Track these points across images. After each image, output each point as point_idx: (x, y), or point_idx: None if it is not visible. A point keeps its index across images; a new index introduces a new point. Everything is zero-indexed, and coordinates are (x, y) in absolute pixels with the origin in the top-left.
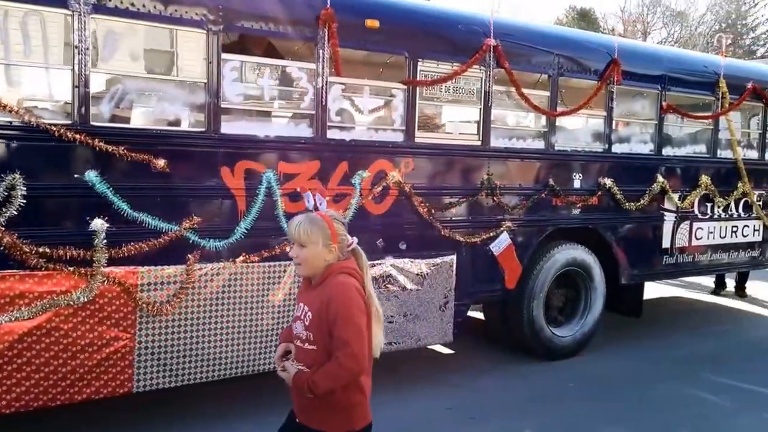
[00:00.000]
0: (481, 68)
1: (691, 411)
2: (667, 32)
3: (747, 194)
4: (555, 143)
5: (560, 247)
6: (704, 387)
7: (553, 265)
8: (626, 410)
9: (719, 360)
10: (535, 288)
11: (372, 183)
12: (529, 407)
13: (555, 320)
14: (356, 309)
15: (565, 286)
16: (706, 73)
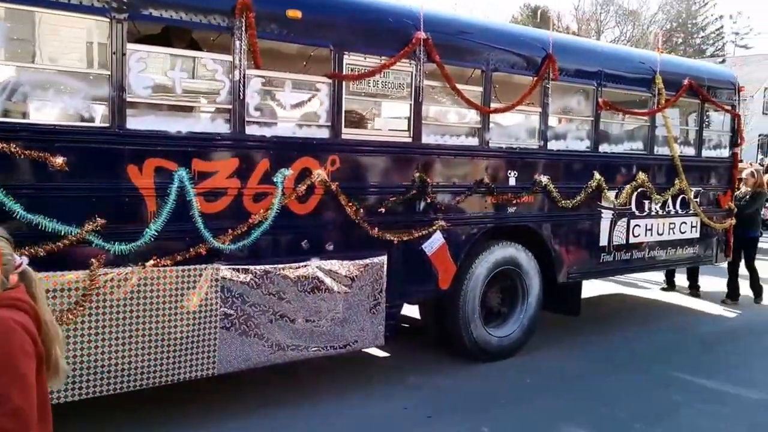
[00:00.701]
0: (411, 62)
1: (643, 405)
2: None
3: (684, 191)
4: (489, 140)
5: (495, 246)
6: (656, 381)
7: (488, 265)
8: (581, 406)
9: (670, 354)
10: (469, 288)
11: (296, 181)
12: (486, 405)
13: (492, 320)
14: (17, 352)
15: (502, 286)
16: (643, 69)
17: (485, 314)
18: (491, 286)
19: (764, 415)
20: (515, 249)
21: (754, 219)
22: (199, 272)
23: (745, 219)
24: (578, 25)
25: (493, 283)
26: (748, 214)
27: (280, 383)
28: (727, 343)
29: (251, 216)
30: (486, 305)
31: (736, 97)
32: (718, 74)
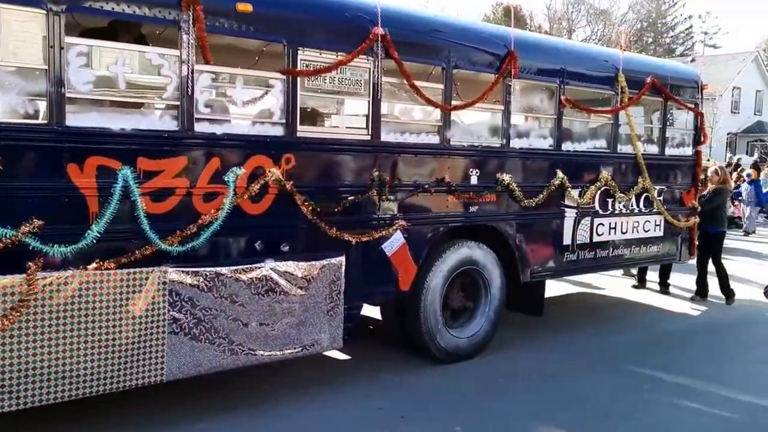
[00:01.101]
0: (369, 58)
1: (614, 402)
2: (591, 30)
3: (647, 189)
4: (450, 138)
5: (457, 246)
6: (627, 378)
7: (450, 265)
8: (553, 404)
9: (640, 352)
10: (431, 289)
11: (248, 181)
12: (459, 404)
13: (454, 321)
14: None
15: (465, 286)
16: (606, 67)
17: (447, 315)
18: (454, 287)
19: (732, 412)
20: (477, 249)
21: (718, 215)
22: (145, 275)
23: (708, 214)
24: (550, 24)
25: (456, 283)
26: (711, 209)
27: (243, 386)
28: (696, 341)
29: (201, 216)
30: (448, 306)
31: (699, 96)
32: (681, 72)
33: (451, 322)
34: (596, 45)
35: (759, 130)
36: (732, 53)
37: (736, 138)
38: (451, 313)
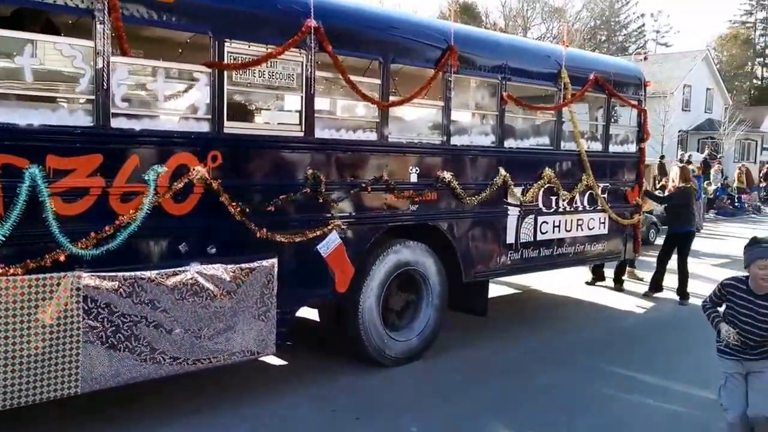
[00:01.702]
0: (302, 52)
1: (571, 398)
2: (546, 28)
3: (591, 187)
4: (389, 135)
5: (397, 246)
6: (583, 374)
7: (390, 266)
8: (510, 400)
9: (596, 348)
10: (369, 290)
11: (171, 179)
12: (415, 403)
13: (394, 323)
14: None
15: (405, 287)
16: (549, 63)
17: (387, 316)
18: (394, 288)
19: (685, 407)
20: (418, 248)
21: (687, 214)
22: (56, 281)
23: (676, 214)
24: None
25: (397, 284)
26: (679, 208)
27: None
28: (651, 337)
29: (118, 218)
30: (388, 307)
31: (642, 92)
32: (624, 69)
33: (391, 324)
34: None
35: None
36: (683, 51)
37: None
38: (391, 315)
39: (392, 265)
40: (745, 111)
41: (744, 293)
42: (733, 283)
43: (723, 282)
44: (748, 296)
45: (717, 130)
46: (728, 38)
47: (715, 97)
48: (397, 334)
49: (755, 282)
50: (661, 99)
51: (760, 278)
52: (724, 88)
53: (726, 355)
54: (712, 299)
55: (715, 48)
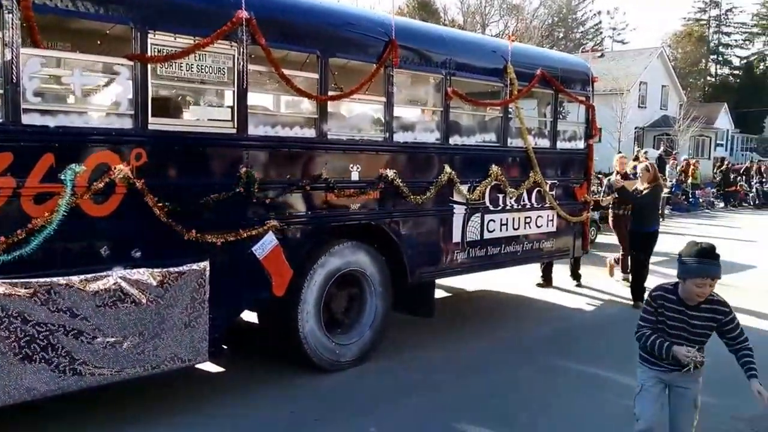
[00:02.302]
0: (233, 44)
1: (530, 394)
2: (504, 25)
3: (539, 184)
4: (328, 131)
5: (338, 246)
6: (542, 371)
7: (331, 267)
8: (470, 399)
9: (550, 345)
10: (309, 293)
11: (90, 179)
12: (374, 404)
13: (336, 326)
14: None
15: (348, 289)
16: (494, 58)
17: (329, 320)
18: (335, 289)
19: None
20: (360, 249)
21: (654, 213)
22: None
23: (644, 213)
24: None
25: (338, 285)
26: (648, 207)
27: (135, 401)
28: (604, 332)
29: (32, 221)
30: (330, 310)
31: (589, 88)
32: (572, 64)
33: (333, 327)
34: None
35: (664, 124)
36: (639, 49)
37: (644, 132)
38: (332, 319)
39: (334, 266)
40: (699, 108)
41: (675, 304)
42: (662, 294)
43: (651, 294)
44: (679, 307)
45: (672, 127)
46: (683, 36)
47: (670, 94)
48: (338, 338)
49: (688, 294)
50: (617, 96)
51: (696, 294)
52: (678, 85)
53: (649, 364)
54: (647, 319)
55: (670, 45)
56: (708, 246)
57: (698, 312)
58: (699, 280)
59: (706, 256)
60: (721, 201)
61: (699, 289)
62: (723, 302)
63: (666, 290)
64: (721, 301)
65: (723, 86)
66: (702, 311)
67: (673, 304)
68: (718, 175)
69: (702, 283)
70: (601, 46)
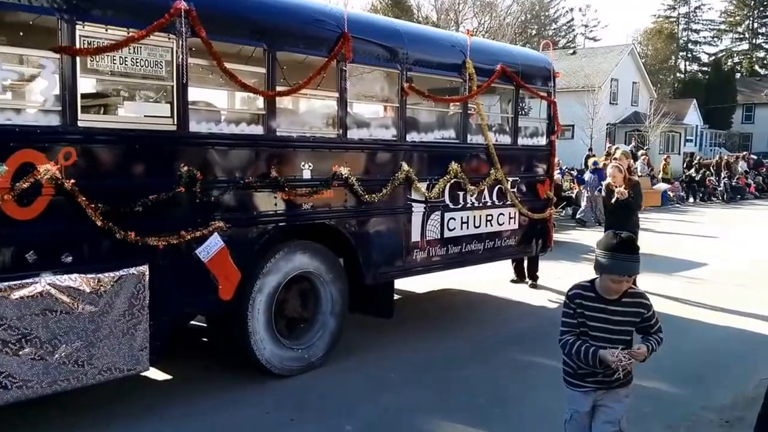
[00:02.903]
0: (171, 37)
1: (502, 389)
2: (478, 22)
3: (500, 181)
4: (277, 128)
5: (291, 247)
6: (512, 366)
7: (283, 269)
8: (443, 395)
9: (518, 341)
10: (259, 297)
11: (13, 180)
12: (349, 402)
13: (289, 330)
14: None
15: (301, 291)
16: (453, 53)
17: (282, 324)
18: (288, 293)
19: None
20: (314, 250)
21: (633, 216)
22: None
23: (623, 216)
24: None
25: (291, 288)
26: (630, 210)
27: (102, 403)
28: None
29: None
30: (283, 314)
31: (551, 83)
32: (533, 59)
33: (284, 332)
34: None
35: (635, 120)
36: (610, 46)
37: (615, 128)
38: (285, 323)
39: (286, 267)
40: (669, 104)
41: (594, 301)
42: (579, 292)
43: (568, 294)
44: (598, 303)
45: (643, 123)
46: (653, 33)
47: (641, 90)
48: (291, 342)
49: (606, 289)
50: (589, 93)
51: (613, 290)
52: (649, 82)
53: (573, 385)
54: (567, 323)
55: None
56: (626, 238)
57: (620, 306)
58: (615, 276)
59: (623, 250)
60: (690, 196)
61: (616, 285)
62: (644, 295)
63: (583, 288)
64: (642, 293)
65: (692, 82)
66: (624, 305)
67: (591, 301)
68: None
69: (618, 280)
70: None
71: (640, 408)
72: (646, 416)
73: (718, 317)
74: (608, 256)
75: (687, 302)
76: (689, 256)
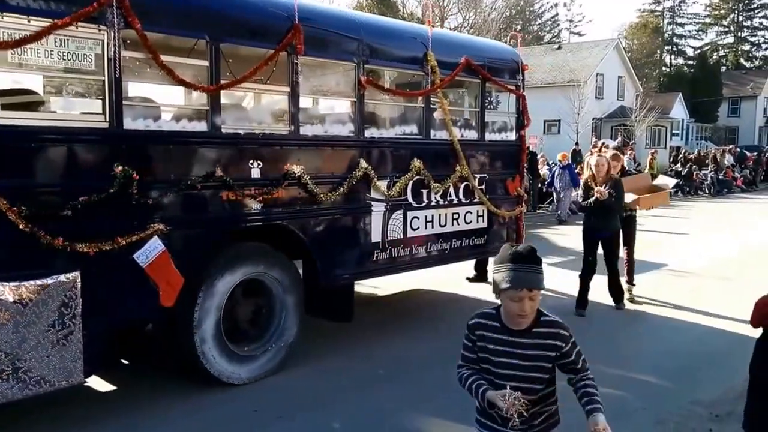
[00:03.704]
0: (102, 28)
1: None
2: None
3: (467, 178)
4: (221, 124)
5: (240, 250)
6: None
7: (231, 273)
8: (427, 393)
9: None
10: (207, 303)
11: None
12: (335, 399)
13: (241, 338)
14: None
15: (253, 297)
16: (413, 45)
17: (233, 331)
18: (240, 297)
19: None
20: (267, 252)
21: (615, 212)
22: None
23: (607, 212)
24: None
25: (242, 292)
26: (612, 206)
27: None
28: None
29: None
30: (233, 320)
31: (520, 76)
32: (499, 52)
33: (235, 341)
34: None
35: (621, 114)
36: (595, 41)
37: (601, 123)
38: (237, 329)
39: (236, 271)
40: (655, 98)
41: (498, 332)
42: (480, 322)
43: (468, 323)
44: (503, 335)
45: (629, 117)
46: (638, 27)
47: (627, 84)
48: (247, 347)
49: (509, 315)
50: (575, 87)
51: (516, 313)
52: (635, 76)
53: (480, 425)
54: (465, 357)
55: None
56: (524, 249)
57: (530, 338)
58: (513, 293)
59: (519, 260)
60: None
61: (516, 304)
62: (561, 324)
63: (487, 316)
64: (559, 322)
65: (678, 76)
66: (535, 336)
67: (496, 332)
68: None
69: (518, 297)
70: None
71: (629, 403)
72: (636, 411)
73: (705, 312)
74: (502, 269)
75: (673, 297)
76: (678, 251)
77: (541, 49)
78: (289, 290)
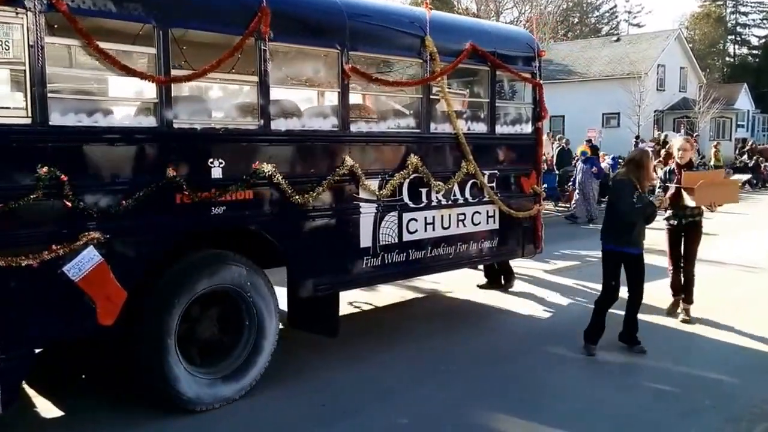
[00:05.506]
0: (19, 11)
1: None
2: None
3: (474, 175)
4: (173, 119)
5: (198, 258)
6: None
7: (190, 284)
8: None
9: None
10: (159, 320)
11: None
12: (354, 410)
13: (204, 359)
14: None
15: (222, 307)
16: (409, 29)
17: (194, 349)
18: (201, 310)
19: None
20: (231, 260)
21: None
22: None
23: (629, 226)
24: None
25: (205, 305)
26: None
27: None
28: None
29: None
30: (194, 337)
31: (535, 63)
32: (512, 37)
33: (197, 361)
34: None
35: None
36: (655, 32)
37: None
38: (199, 348)
39: (194, 283)
40: (719, 89)
41: None
42: None
43: None
44: None
45: (692, 109)
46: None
47: (689, 75)
48: (206, 371)
49: None
50: (635, 80)
51: None
52: (697, 67)
53: None
54: None
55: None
56: None
57: None
58: None
59: None
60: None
61: None
62: None
63: None
64: None
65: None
66: None
67: None
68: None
69: None
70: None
71: (698, 401)
72: (706, 409)
73: None
74: None
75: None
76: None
77: (598, 41)
78: (261, 302)
